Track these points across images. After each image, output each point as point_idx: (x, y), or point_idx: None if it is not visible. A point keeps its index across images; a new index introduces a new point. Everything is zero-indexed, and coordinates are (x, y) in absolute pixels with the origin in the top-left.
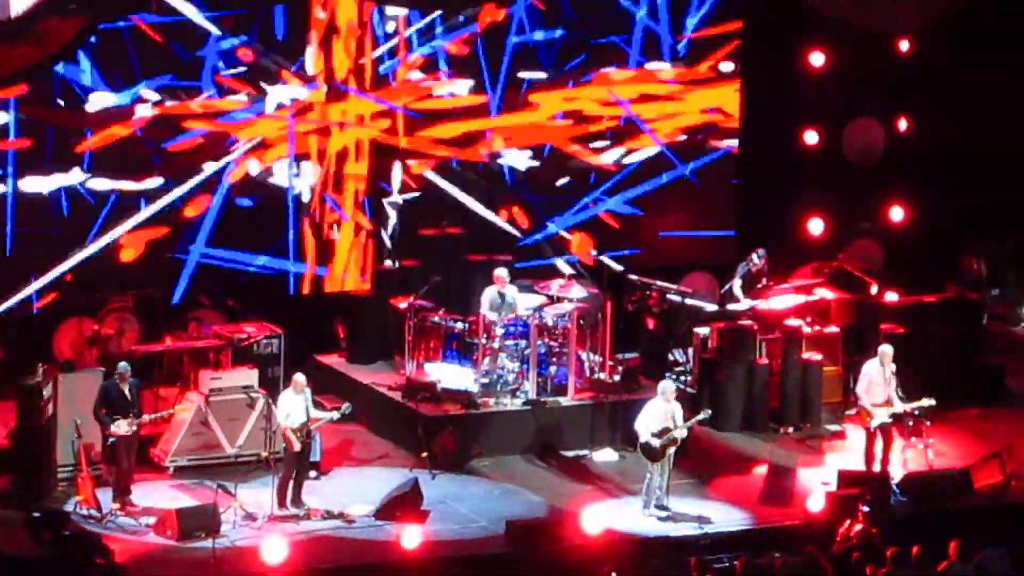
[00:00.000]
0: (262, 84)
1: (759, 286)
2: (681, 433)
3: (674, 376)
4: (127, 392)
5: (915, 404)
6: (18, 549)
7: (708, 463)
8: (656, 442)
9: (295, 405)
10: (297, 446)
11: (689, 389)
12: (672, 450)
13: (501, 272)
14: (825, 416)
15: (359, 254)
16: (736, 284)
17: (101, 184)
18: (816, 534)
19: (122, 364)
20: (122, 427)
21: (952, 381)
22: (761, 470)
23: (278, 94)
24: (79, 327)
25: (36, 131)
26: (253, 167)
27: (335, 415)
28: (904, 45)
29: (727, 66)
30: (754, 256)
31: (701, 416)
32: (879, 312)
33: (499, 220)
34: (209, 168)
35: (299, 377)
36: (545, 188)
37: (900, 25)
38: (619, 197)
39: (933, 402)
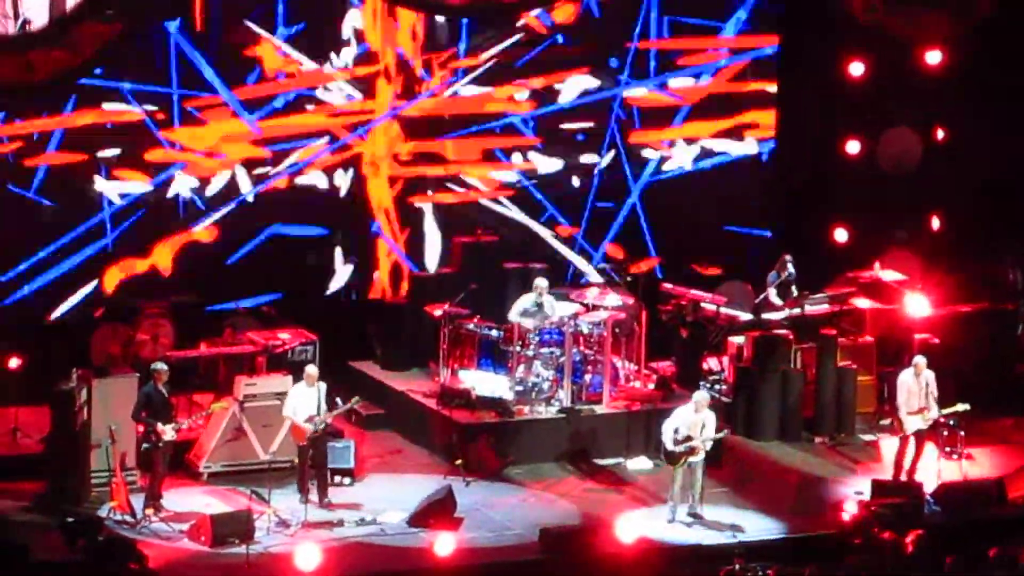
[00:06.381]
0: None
1: (793, 295)
2: (700, 444)
3: (708, 385)
4: (166, 394)
5: (949, 410)
6: (52, 555)
7: (742, 472)
8: (676, 447)
9: (305, 399)
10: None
11: (724, 398)
12: (700, 458)
13: (541, 281)
14: (859, 425)
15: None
16: (771, 293)
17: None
18: (851, 544)
19: (161, 364)
20: (169, 432)
21: (987, 391)
22: (795, 479)
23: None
24: (114, 333)
25: None
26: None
27: (345, 408)
28: (939, 55)
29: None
30: (780, 264)
31: (718, 436)
32: (914, 322)
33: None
34: None
35: (311, 369)
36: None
37: (934, 33)
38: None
39: (967, 407)
